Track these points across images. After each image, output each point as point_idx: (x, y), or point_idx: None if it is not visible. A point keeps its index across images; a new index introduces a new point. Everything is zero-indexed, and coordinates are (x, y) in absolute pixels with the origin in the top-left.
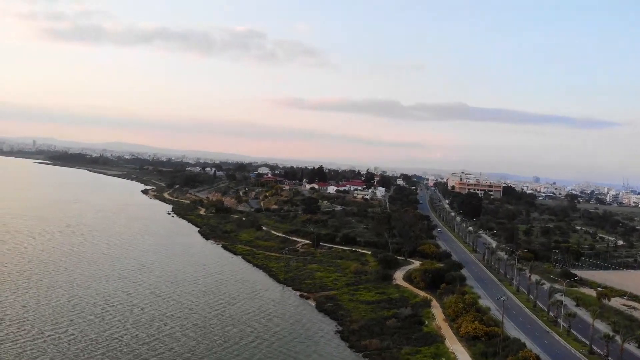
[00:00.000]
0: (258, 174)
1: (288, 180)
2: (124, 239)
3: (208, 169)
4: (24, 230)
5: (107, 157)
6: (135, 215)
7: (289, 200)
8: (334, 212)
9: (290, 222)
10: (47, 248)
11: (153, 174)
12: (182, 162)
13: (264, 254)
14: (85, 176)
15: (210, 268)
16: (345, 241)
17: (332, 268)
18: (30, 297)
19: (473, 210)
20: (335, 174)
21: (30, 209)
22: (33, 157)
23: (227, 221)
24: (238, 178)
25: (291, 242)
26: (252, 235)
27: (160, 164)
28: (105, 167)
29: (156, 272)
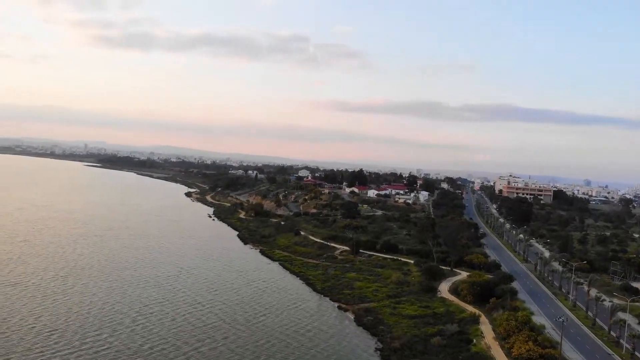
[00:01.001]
0: (298, 176)
1: (328, 183)
2: (164, 243)
3: (250, 172)
4: (67, 233)
5: (154, 160)
6: (177, 218)
7: (328, 204)
8: (374, 217)
9: (329, 227)
10: (88, 252)
11: (197, 177)
12: (225, 164)
13: (301, 260)
14: (132, 179)
15: (248, 275)
16: (386, 249)
17: (372, 277)
18: (64, 304)
19: (523, 216)
20: (376, 177)
21: (75, 212)
22: (84, 160)
23: (266, 225)
24: (278, 181)
25: (329, 248)
26: (290, 241)
27: (204, 166)
28: (152, 169)
29: (193, 279)
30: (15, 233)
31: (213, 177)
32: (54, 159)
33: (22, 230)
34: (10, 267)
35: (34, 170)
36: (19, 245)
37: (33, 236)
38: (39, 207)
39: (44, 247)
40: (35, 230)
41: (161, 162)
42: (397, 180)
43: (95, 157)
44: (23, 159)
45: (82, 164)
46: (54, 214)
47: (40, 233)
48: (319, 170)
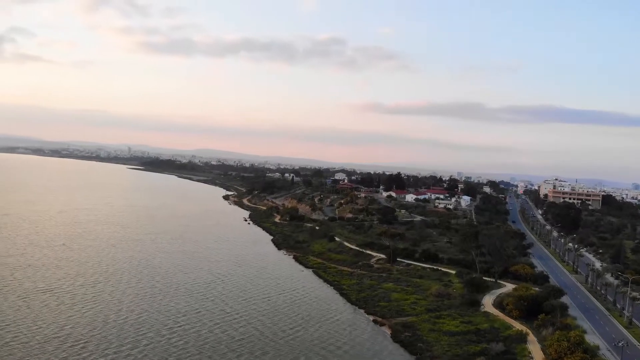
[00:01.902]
0: (334, 180)
1: (364, 187)
2: (200, 247)
3: (286, 175)
4: (105, 237)
5: (195, 163)
6: (214, 222)
7: (364, 209)
8: (412, 223)
9: (365, 233)
10: (123, 257)
11: (236, 180)
12: (263, 167)
13: (335, 268)
14: (173, 182)
15: (281, 283)
16: (426, 257)
17: (410, 289)
18: (92, 312)
19: (570, 223)
20: (415, 181)
21: (115, 215)
22: (127, 162)
23: (300, 230)
24: (314, 184)
25: (365, 256)
26: (324, 247)
27: (243, 169)
28: (192, 172)
29: (226, 286)
30: (54, 237)
31: (250, 180)
32: (98, 162)
33: (61, 234)
34: (44, 272)
35: (79, 173)
36: (56, 249)
37: (71, 240)
38: (81, 210)
39: (80, 251)
40: (74, 234)
41: (202, 165)
42: (436, 184)
43: (138, 160)
44: (69, 162)
45: (125, 167)
46: (95, 217)
47: (78, 236)
48: (356, 173)
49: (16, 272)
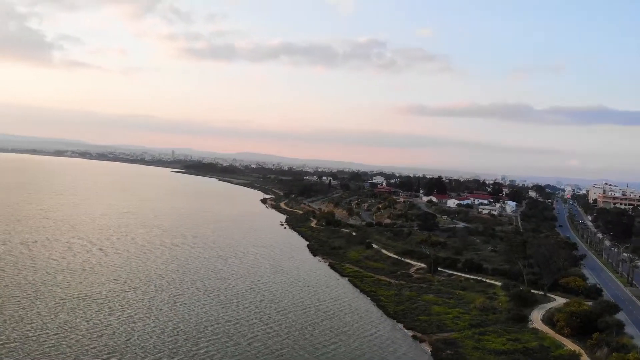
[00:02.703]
0: (372, 183)
1: (403, 191)
2: (237, 253)
3: (324, 178)
4: (144, 241)
5: (236, 166)
6: (251, 225)
7: (403, 214)
8: (454, 230)
9: (404, 240)
10: (161, 262)
11: (274, 183)
12: (301, 170)
13: (372, 277)
14: (213, 184)
15: (316, 292)
16: (469, 267)
17: (452, 301)
18: (128, 320)
19: (623, 231)
20: (457, 185)
21: (156, 219)
22: (170, 166)
23: (337, 236)
24: (352, 188)
25: (404, 265)
26: (360, 254)
27: (281, 172)
28: (233, 175)
29: (262, 295)
30: (94, 240)
31: (288, 184)
32: (143, 165)
33: (102, 238)
34: (82, 277)
35: (123, 176)
36: (95, 254)
37: (110, 244)
38: (122, 213)
39: (118, 256)
40: (114, 238)
41: (242, 168)
42: (479, 189)
43: (181, 164)
44: (115, 165)
45: (168, 170)
46: (135, 220)
47: (118, 240)
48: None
49: (55, 277)
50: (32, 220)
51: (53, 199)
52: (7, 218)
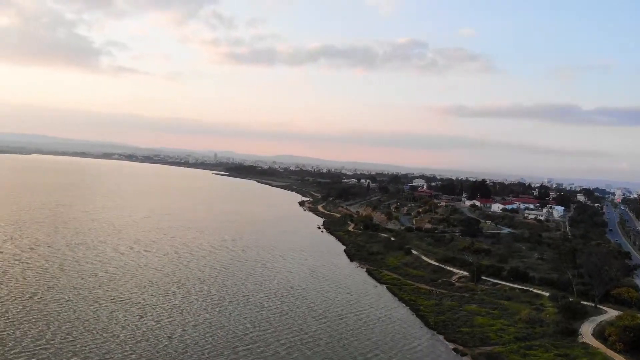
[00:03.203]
0: (412, 186)
1: (445, 194)
2: (274, 257)
3: (362, 181)
4: (184, 244)
5: (275, 168)
6: (288, 229)
7: (444, 219)
8: (499, 236)
9: (445, 246)
10: (200, 265)
11: (312, 185)
12: (340, 173)
13: (412, 285)
14: (253, 187)
15: (354, 300)
16: (514, 276)
17: (496, 312)
18: (167, 326)
19: None
20: (501, 188)
21: (196, 221)
22: (213, 168)
23: (375, 240)
24: (391, 191)
25: (445, 272)
26: (399, 260)
27: (319, 175)
28: (272, 178)
29: (302, 301)
30: (136, 243)
31: (326, 186)
32: (187, 167)
33: (143, 240)
34: (123, 280)
35: (167, 178)
36: (136, 256)
37: (151, 246)
38: (165, 215)
39: (159, 258)
40: (155, 240)
41: (281, 170)
42: (525, 192)
43: (223, 166)
44: (160, 167)
45: (211, 172)
46: (177, 222)
47: (159, 242)
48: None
49: (98, 279)
50: (77, 222)
51: (99, 200)
52: (54, 220)
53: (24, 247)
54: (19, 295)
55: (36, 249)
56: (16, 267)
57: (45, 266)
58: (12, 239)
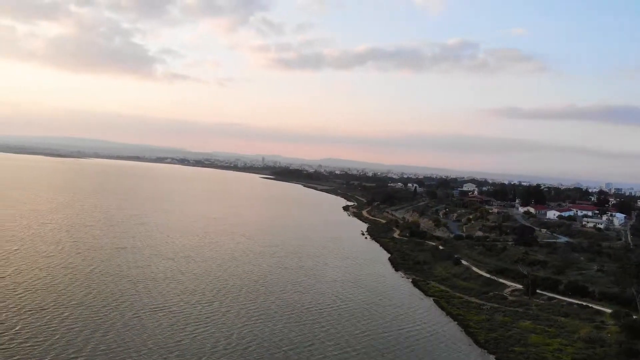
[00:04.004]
0: (462, 191)
1: (496, 200)
2: (317, 264)
3: (409, 185)
4: (228, 249)
5: (321, 172)
6: (331, 234)
7: (496, 227)
8: (554, 245)
9: (497, 256)
10: (242, 271)
11: (357, 189)
12: (386, 177)
13: (461, 298)
14: (298, 190)
15: (400, 313)
16: (572, 290)
17: (552, 330)
18: (203, 335)
19: None
20: (556, 194)
21: (242, 225)
22: (260, 172)
23: (421, 249)
24: (439, 196)
25: (497, 285)
26: (447, 271)
27: (365, 179)
28: (317, 182)
29: (344, 313)
30: (180, 247)
31: (371, 190)
32: (236, 171)
33: (188, 244)
34: (162, 287)
35: (216, 182)
36: (178, 261)
37: (195, 251)
38: (210, 219)
39: (201, 264)
40: (199, 245)
41: (326, 174)
42: (582, 198)
43: (270, 170)
44: (210, 171)
45: (258, 176)
46: (223, 226)
47: (202, 247)
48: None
49: (137, 285)
50: (126, 225)
51: (149, 204)
52: (103, 223)
53: (72, 251)
54: (63, 302)
55: (83, 252)
56: (62, 272)
57: (91, 271)
58: (61, 243)
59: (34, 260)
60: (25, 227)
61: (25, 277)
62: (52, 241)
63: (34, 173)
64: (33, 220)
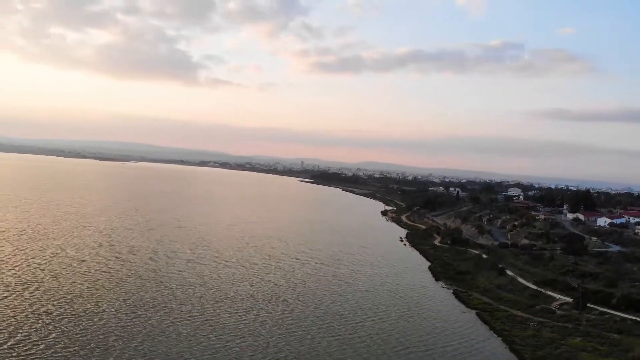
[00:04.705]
0: (506, 196)
1: (543, 205)
2: (354, 272)
3: (451, 189)
4: (265, 254)
5: (359, 175)
6: (369, 240)
7: (543, 234)
8: (606, 255)
9: (544, 266)
10: (278, 278)
11: (396, 193)
12: (426, 180)
13: (505, 312)
14: (336, 194)
15: (443, 328)
16: (626, 305)
17: (604, 348)
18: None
19: None
20: (607, 199)
21: (279, 230)
22: (299, 175)
23: (464, 258)
24: (483, 201)
25: (544, 298)
26: (491, 282)
27: (405, 182)
28: (355, 185)
29: (384, 327)
30: (218, 252)
31: (411, 195)
32: (275, 174)
33: (225, 249)
34: (199, 294)
35: (255, 185)
36: (216, 267)
37: (232, 256)
38: (249, 223)
39: (238, 269)
40: (237, 249)
41: (365, 177)
42: (634, 204)
43: (309, 173)
44: (251, 174)
45: (297, 180)
46: (260, 231)
47: (240, 252)
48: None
49: (174, 292)
50: (166, 229)
51: (189, 207)
52: (143, 227)
53: (110, 255)
54: (100, 309)
55: (122, 257)
56: (100, 277)
57: (127, 275)
58: (101, 247)
59: (73, 265)
60: (67, 230)
61: (63, 282)
62: (92, 245)
63: (80, 176)
64: (75, 223)
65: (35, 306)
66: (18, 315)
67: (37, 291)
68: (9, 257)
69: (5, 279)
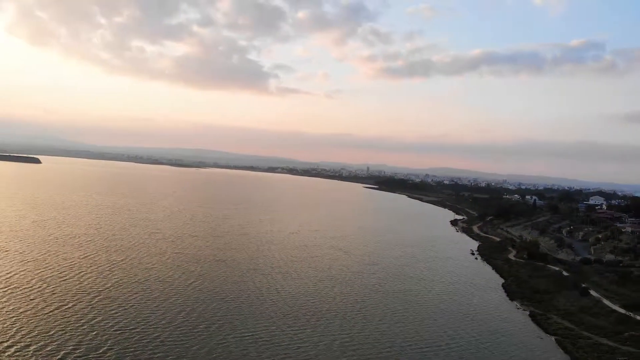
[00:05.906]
0: (588, 205)
1: (629, 216)
2: (421, 288)
3: (527, 197)
4: (326, 266)
5: (427, 182)
6: (437, 254)
7: (631, 249)
8: None
9: (634, 286)
10: (338, 292)
11: (468, 202)
12: (500, 187)
13: (589, 339)
14: (403, 202)
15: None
16: None
17: None
18: None
19: None
20: None
21: (342, 239)
22: (364, 181)
23: (542, 274)
24: (562, 210)
25: (634, 323)
26: (573, 303)
27: (477, 189)
28: (423, 192)
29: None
30: (277, 262)
31: (484, 203)
32: (340, 180)
33: (285, 259)
34: (253, 307)
35: (321, 191)
36: (273, 278)
37: (292, 267)
38: (313, 231)
39: (297, 282)
40: (298, 259)
41: (434, 184)
42: None
43: (374, 179)
44: (317, 180)
45: (361, 186)
46: (323, 240)
47: (301, 263)
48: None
49: (227, 306)
50: (229, 236)
51: (256, 213)
52: (208, 234)
53: (173, 264)
54: (154, 322)
55: (183, 265)
56: (158, 287)
57: (186, 287)
58: (164, 254)
59: (134, 273)
60: (135, 237)
61: (122, 291)
62: (156, 252)
63: (154, 181)
64: (143, 229)
65: (89, 316)
66: (71, 325)
67: (94, 300)
68: (75, 263)
69: (66, 287)
